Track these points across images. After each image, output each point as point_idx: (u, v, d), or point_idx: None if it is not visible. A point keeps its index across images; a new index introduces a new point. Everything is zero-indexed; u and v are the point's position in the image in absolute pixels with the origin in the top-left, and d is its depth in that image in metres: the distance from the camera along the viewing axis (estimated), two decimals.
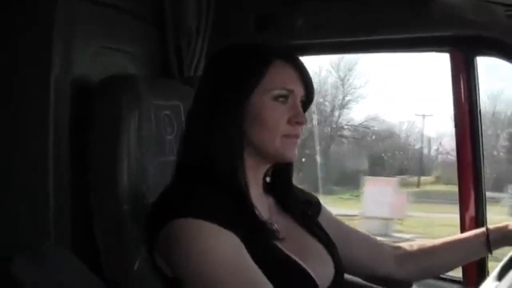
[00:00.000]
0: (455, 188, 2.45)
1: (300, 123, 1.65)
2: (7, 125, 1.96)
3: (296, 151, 1.68)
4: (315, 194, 2.03)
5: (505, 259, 1.80)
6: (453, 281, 2.56)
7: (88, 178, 1.96)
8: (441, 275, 2.57)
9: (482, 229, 1.94)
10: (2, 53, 1.97)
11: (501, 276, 1.75)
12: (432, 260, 1.99)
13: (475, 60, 2.45)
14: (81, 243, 1.97)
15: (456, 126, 2.49)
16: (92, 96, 1.98)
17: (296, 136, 1.66)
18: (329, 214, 1.99)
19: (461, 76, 2.44)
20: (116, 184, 1.88)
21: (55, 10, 1.93)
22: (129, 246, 1.89)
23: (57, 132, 1.93)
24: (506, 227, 1.91)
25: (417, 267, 2.00)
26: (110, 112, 1.93)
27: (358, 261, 1.98)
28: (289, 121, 1.63)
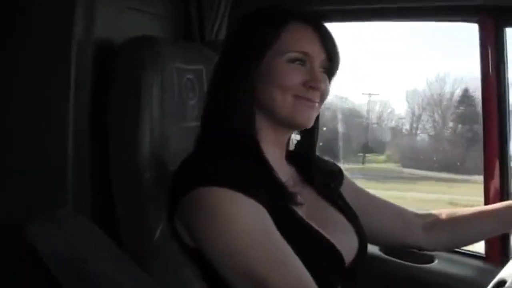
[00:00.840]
0: (400, 168, 2.42)
1: (315, 88, 1.60)
2: (28, 86, 1.92)
3: (312, 117, 1.63)
4: None
5: None
6: (476, 256, 2.53)
7: (108, 143, 1.91)
8: (464, 250, 2.55)
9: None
10: (24, 13, 1.92)
11: None
12: (461, 230, 1.94)
13: (504, 31, 2.39)
14: (100, 211, 1.94)
15: (482, 98, 2.44)
16: (114, 57, 1.93)
17: (311, 100, 1.61)
18: (352, 184, 1.96)
19: (489, 48, 2.38)
20: (137, 150, 1.84)
21: None
22: (150, 215, 1.85)
23: (78, 94, 1.89)
24: None
25: (445, 237, 1.95)
26: (132, 74, 1.88)
27: (384, 230, 1.94)
28: (304, 84, 1.59)
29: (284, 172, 1.68)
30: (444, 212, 1.99)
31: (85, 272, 1.59)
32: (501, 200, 2.36)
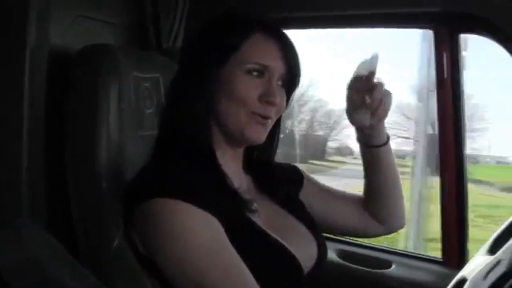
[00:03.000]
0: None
1: (271, 103, 1.58)
2: None
3: (264, 134, 1.62)
4: None
5: (497, 231, 1.78)
6: (433, 261, 2.55)
7: (64, 153, 1.90)
8: (421, 255, 2.57)
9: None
10: None
11: (493, 249, 1.73)
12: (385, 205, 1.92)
13: (459, 38, 2.42)
14: (57, 220, 1.91)
15: (438, 102, 2.47)
16: (69, 66, 1.92)
17: (265, 117, 1.59)
18: (312, 180, 1.95)
19: (444, 53, 2.41)
20: (94, 160, 1.83)
21: None
22: (108, 225, 1.84)
23: (33, 104, 1.85)
24: None
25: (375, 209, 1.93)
26: (89, 82, 1.87)
27: (351, 223, 1.93)
28: (259, 98, 1.57)
29: (241, 182, 1.67)
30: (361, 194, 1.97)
31: (42, 283, 1.58)
32: (457, 198, 2.43)
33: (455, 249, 2.46)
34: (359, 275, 2.53)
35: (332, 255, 2.54)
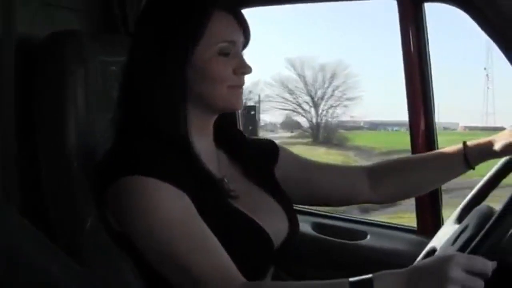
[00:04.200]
0: None
1: (246, 73, 1.65)
2: None
3: (242, 100, 1.68)
4: None
5: (464, 202, 1.81)
6: (408, 230, 2.58)
7: (35, 137, 1.92)
8: (396, 224, 2.60)
9: (460, 145, 1.85)
10: None
11: (460, 218, 1.76)
12: (407, 179, 1.92)
13: (423, 7, 2.44)
14: (30, 203, 1.94)
15: (405, 73, 2.51)
16: (37, 52, 1.93)
17: (241, 86, 1.65)
18: (291, 154, 1.95)
19: (409, 24, 2.43)
20: (64, 142, 1.85)
21: None
22: (80, 205, 1.86)
23: (3, 92, 1.89)
24: (486, 143, 1.82)
25: (391, 188, 1.93)
26: (54, 69, 1.89)
27: (330, 193, 1.93)
28: (234, 72, 1.62)
29: (213, 159, 1.69)
30: (393, 161, 2.00)
31: (17, 264, 1.58)
32: None
33: (428, 217, 2.50)
34: (335, 246, 2.55)
35: (307, 228, 2.56)
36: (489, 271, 1.29)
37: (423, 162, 1.95)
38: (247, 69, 1.64)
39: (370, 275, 1.33)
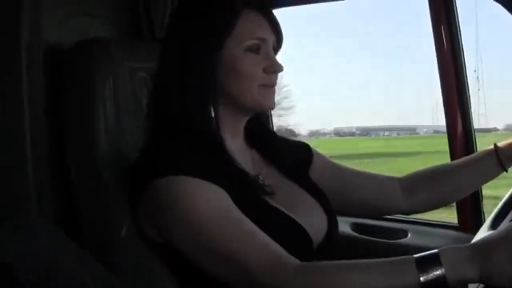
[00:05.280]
0: None
1: (277, 71, 1.63)
2: None
3: (275, 100, 1.66)
4: None
5: (498, 207, 1.76)
6: (449, 226, 2.54)
7: (66, 147, 1.91)
8: (437, 221, 2.55)
9: (491, 147, 1.83)
10: None
11: (495, 224, 1.72)
12: (441, 187, 1.89)
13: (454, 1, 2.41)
14: (63, 214, 1.93)
15: (439, 67, 2.47)
16: (65, 60, 1.94)
17: (273, 85, 1.63)
18: (325, 159, 1.93)
19: (442, 20, 2.40)
20: (94, 151, 1.85)
21: None
22: (114, 214, 1.86)
23: (32, 102, 1.87)
24: None
25: (425, 197, 1.90)
26: (83, 77, 1.89)
27: (365, 202, 1.91)
28: (265, 71, 1.60)
29: (246, 158, 1.69)
30: (425, 170, 1.95)
31: (53, 277, 1.58)
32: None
33: (470, 213, 2.46)
34: (376, 247, 2.53)
35: (347, 228, 2.53)
36: None
37: (455, 169, 1.91)
38: (278, 68, 1.62)
39: (436, 250, 1.32)
